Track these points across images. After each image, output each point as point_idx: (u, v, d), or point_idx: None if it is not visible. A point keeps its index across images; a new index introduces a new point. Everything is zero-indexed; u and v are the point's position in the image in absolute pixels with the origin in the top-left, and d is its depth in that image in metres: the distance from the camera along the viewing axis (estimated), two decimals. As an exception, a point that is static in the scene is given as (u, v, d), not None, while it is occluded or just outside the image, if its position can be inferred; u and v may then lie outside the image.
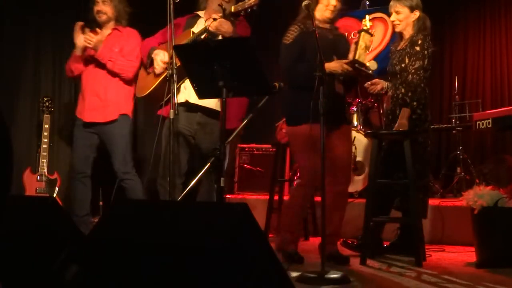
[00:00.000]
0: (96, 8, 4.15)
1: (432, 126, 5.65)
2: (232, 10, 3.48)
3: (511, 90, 6.07)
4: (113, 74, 4.12)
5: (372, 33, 3.51)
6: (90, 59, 4.14)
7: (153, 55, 3.69)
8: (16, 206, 2.17)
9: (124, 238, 1.95)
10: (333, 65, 3.40)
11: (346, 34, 6.52)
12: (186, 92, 3.63)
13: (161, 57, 3.63)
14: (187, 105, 3.64)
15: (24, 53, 5.04)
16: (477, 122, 3.87)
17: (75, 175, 4.15)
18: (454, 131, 5.54)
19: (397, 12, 3.76)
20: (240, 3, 3.45)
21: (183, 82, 3.57)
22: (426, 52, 3.64)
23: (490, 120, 3.76)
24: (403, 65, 3.70)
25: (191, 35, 3.61)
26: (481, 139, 6.15)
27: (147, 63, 3.78)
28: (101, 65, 4.10)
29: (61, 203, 4.59)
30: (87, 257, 2.00)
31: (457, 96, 5.78)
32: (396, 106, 3.72)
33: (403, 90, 3.68)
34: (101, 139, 4.15)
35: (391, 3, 3.79)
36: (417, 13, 3.74)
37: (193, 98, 3.54)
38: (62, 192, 4.82)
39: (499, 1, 6.23)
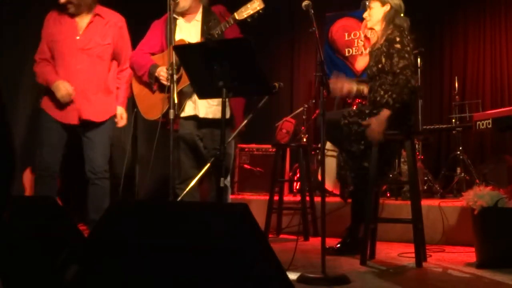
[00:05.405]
0: None
1: (432, 126, 5.72)
2: (237, 17, 3.35)
3: (511, 90, 6.07)
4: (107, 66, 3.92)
5: None
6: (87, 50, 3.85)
7: (157, 74, 3.56)
8: (16, 206, 2.17)
9: (124, 238, 1.95)
10: None
11: (346, 34, 6.59)
12: (196, 107, 3.62)
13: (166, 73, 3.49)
14: (196, 119, 3.64)
15: (24, 53, 5.03)
16: (477, 122, 3.87)
17: (46, 173, 3.93)
18: (454, 131, 5.54)
19: (370, 8, 3.67)
20: (243, 9, 3.33)
21: (193, 96, 3.55)
22: (408, 48, 3.45)
23: (490, 120, 3.76)
24: (380, 65, 3.53)
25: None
26: (481, 139, 6.15)
27: (151, 82, 3.63)
28: (102, 58, 3.88)
29: (61, 203, 4.59)
30: (87, 257, 2.00)
31: (457, 96, 5.78)
32: (375, 109, 3.51)
33: (382, 93, 3.48)
34: (84, 136, 3.92)
35: (366, 2, 3.71)
36: (388, 7, 3.62)
37: (202, 113, 3.61)
38: (62, 192, 4.81)
39: (499, 1, 6.23)
